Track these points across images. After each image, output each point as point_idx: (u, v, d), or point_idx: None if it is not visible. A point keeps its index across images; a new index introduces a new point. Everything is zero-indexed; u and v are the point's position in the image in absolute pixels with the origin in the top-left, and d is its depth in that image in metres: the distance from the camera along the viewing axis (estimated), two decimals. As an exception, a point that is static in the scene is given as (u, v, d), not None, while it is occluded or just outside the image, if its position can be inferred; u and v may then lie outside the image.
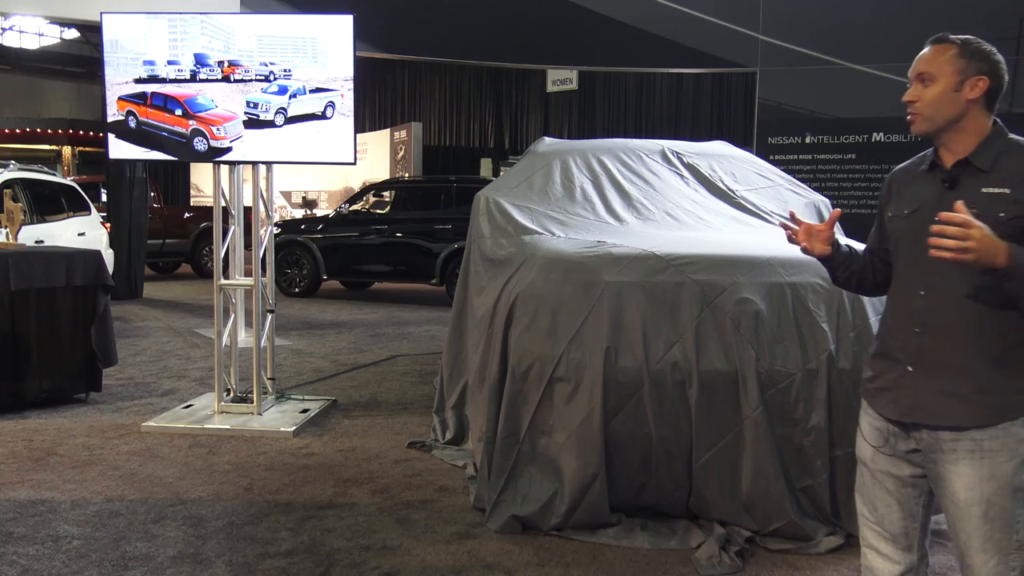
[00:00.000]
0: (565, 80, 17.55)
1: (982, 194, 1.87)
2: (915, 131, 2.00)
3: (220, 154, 4.93)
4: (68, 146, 18.88)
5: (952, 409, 1.88)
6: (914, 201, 2.00)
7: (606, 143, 5.20)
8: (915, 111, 1.98)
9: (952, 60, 1.93)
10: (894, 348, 1.99)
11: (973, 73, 1.92)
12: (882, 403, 2.02)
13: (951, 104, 1.93)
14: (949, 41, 1.96)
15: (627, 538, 3.35)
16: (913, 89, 1.98)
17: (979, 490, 1.86)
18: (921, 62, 1.98)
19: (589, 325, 3.41)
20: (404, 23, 9.91)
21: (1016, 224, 1.83)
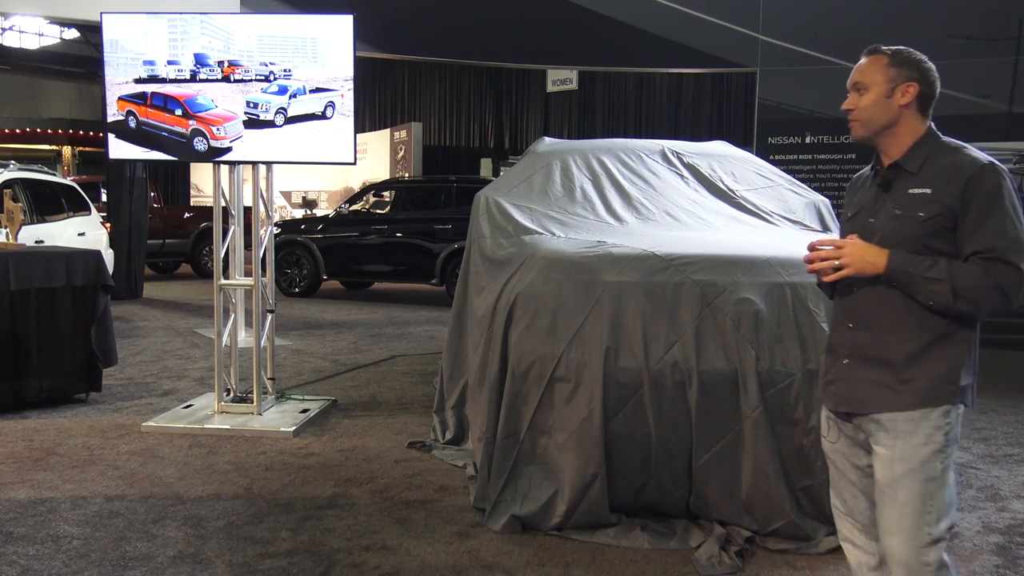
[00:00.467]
0: (565, 80, 17.54)
1: (908, 195, 2.00)
2: (854, 137, 2.13)
3: (220, 154, 4.93)
4: (68, 146, 18.88)
5: (877, 397, 2.01)
6: (856, 204, 2.15)
7: (606, 143, 5.20)
8: (854, 118, 2.10)
9: (883, 69, 2.06)
10: (835, 343, 2.14)
11: (903, 80, 2.05)
12: (827, 395, 2.15)
13: (885, 110, 2.05)
14: (881, 51, 2.09)
15: (627, 538, 3.35)
16: (851, 98, 2.10)
17: (891, 470, 1.98)
18: (856, 72, 2.10)
19: (589, 325, 3.41)
20: (404, 23, 9.91)
21: (935, 223, 1.95)
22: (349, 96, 4.84)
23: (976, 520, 3.68)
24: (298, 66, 4.81)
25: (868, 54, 2.10)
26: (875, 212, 2.06)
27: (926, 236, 1.95)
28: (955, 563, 3.23)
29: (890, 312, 2.00)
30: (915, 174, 2.01)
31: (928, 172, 2.00)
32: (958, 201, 1.94)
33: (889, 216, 2.02)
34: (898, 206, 1.99)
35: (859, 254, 1.95)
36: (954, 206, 1.94)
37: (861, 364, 2.05)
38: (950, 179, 1.96)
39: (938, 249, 1.96)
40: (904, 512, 1.97)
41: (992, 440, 4.99)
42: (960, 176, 1.95)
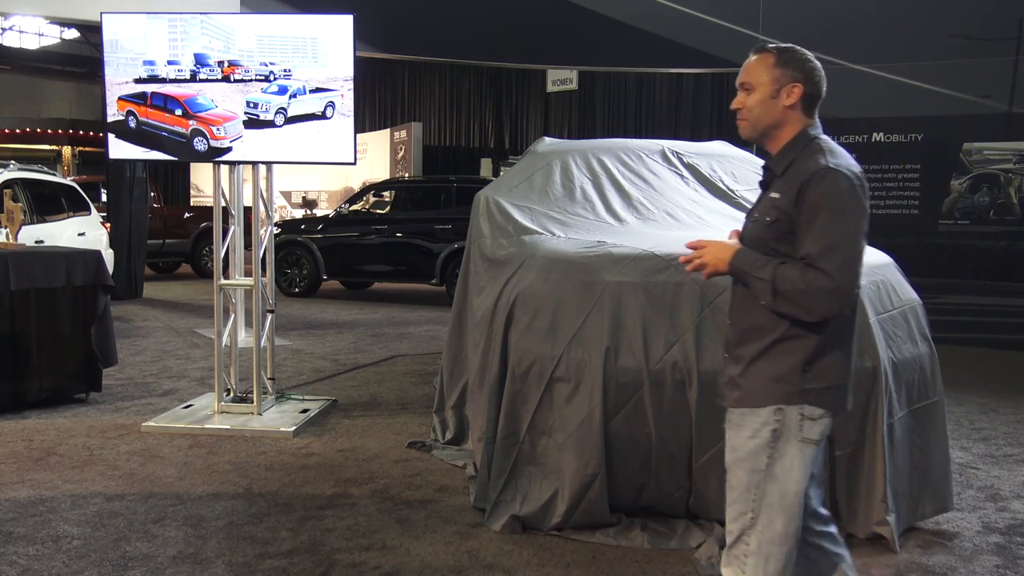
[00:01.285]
0: (565, 80, 17.53)
1: (768, 197, 2.07)
2: (742, 136, 2.13)
3: (220, 154, 4.93)
4: (68, 146, 18.89)
5: (726, 390, 2.16)
6: None
7: (606, 143, 5.20)
8: (741, 117, 2.10)
9: (769, 69, 2.05)
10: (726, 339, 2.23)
11: (788, 81, 2.04)
12: None
13: (770, 110, 2.06)
14: (767, 50, 2.07)
15: (627, 538, 3.35)
16: (739, 96, 2.10)
17: (728, 457, 2.13)
18: (744, 71, 2.09)
19: (589, 325, 3.41)
20: (404, 23, 9.90)
21: (777, 227, 2.01)
22: (349, 96, 4.84)
23: (976, 520, 3.68)
24: (298, 66, 4.81)
25: (755, 52, 2.09)
26: (758, 211, 2.12)
27: (772, 240, 2.02)
28: (955, 563, 3.24)
29: (748, 311, 2.08)
30: (780, 177, 2.06)
31: (787, 176, 2.04)
32: (793, 206, 1.98)
33: (751, 218, 2.14)
34: (757, 208, 2.11)
35: (714, 253, 2.05)
36: (790, 211, 1.99)
37: (729, 360, 2.18)
38: (791, 184, 2.00)
39: (784, 252, 2.01)
40: (733, 496, 2.10)
41: (992, 440, 4.99)
42: (797, 181, 1.99)
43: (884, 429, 3.31)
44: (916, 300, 3.77)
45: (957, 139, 8.48)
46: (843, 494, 3.36)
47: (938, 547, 3.39)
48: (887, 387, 3.35)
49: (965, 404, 5.85)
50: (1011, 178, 8.34)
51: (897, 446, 3.41)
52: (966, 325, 8.36)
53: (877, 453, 3.31)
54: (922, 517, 3.57)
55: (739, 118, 2.11)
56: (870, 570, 3.16)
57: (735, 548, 2.10)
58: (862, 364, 3.34)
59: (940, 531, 3.56)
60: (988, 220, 8.44)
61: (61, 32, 24.07)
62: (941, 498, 3.60)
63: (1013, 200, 8.35)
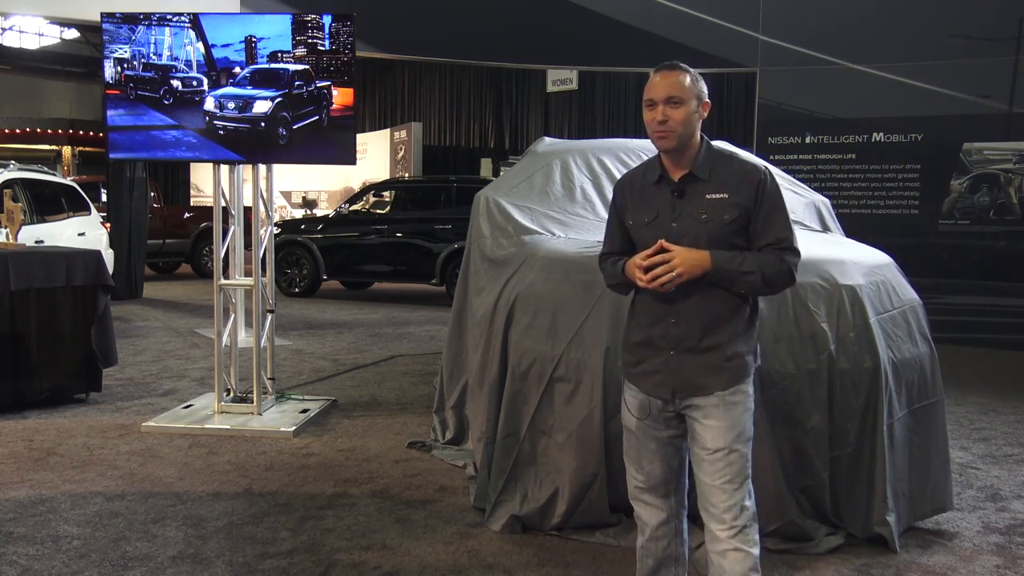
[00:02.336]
0: (565, 80, 17.52)
1: (707, 200, 2.27)
2: (664, 147, 2.30)
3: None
4: (68, 146, 18.88)
5: (709, 379, 2.27)
6: (651, 210, 2.35)
7: (606, 143, 5.19)
8: (668, 129, 2.27)
9: (692, 86, 2.28)
10: (655, 337, 2.33)
11: (703, 98, 2.32)
12: (650, 384, 2.35)
13: (692, 124, 2.29)
14: (683, 69, 2.29)
15: (627, 538, 3.35)
16: (661, 110, 2.27)
17: (724, 438, 2.25)
18: (671, 87, 2.26)
19: (589, 325, 3.41)
20: (404, 23, 9.90)
21: (737, 223, 2.26)
22: (349, 96, 4.84)
23: (976, 520, 3.68)
24: (298, 65, 4.81)
25: (672, 70, 2.28)
26: (676, 217, 2.29)
27: (731, 235, 2.26)
28: (955, 563, 3.24)
29: (713, 306, 2.27)
30: (707, 181, 2.29)
31: (718, 178, 2.28)
32: (752, 202, 2.26)
33: (694, 220, 2.27)
34: (702, 211, 2.26)
35: (688, 259, 2.19)
36: (748, 207, 2.26)
37: (688, 354, 2.29)
38: (741, 183, 2.27)
39: (738, 244, 2.27)
40: (733, 469, 2.25)
41: (992, 440, 4.99)
42: (751, 181, 2.27)
43: (884, 429, 3.32)
44: (916, 300, 3.77)
45: (957, 139, 8.48)
46: (843, 494, 3.36)
47: (938, 547, 3.39)
48: (887, 387, 3.35)
49: (965, 404, 5.85)
50: (1011, 178, 8.34)
51: (897, 446, 3.41)
52: (966, 325, 8.36)
53: (877, 453, 3.31)
54: (922, 517, 3.57)
55: (664, 130, 2.27)
56: (870, 570, 3.16)
57: (738, 520, 2.25)
58: (862, 364, 3.34)
59: (940, 531, 3.56)
60: (988, 220, 8.44)
61: (61, 32, 24.07)
62: (941, 498, 3.59)
63: (1013, 200, 8.35)
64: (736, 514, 2.24)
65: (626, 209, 2.43)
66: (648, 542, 2.49)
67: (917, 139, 8.64)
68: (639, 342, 2.38)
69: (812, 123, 9.06)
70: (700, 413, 2.29)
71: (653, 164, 2.40)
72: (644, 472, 2.43)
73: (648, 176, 2.40)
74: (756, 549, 2.26)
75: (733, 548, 2.24)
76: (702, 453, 2.29)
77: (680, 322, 2.28)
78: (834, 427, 3.32)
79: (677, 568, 2.50)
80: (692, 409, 2.31)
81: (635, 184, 2.44)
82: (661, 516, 2.45)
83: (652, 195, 2.36)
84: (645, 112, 2.31)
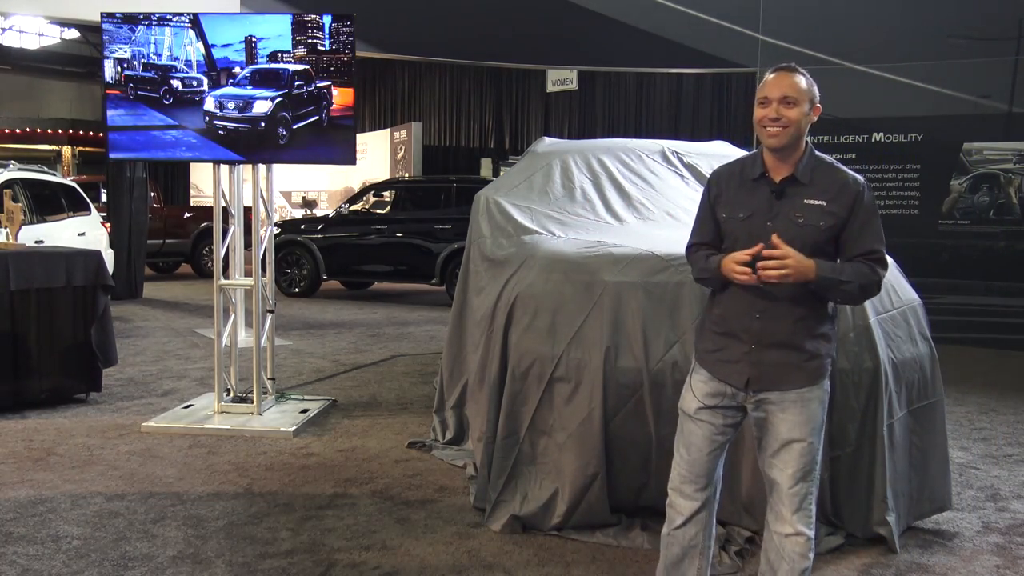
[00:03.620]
0: (565, 80, 17.53)
1: (804, 205, 2.33)
2: (774, 145, 2.33)
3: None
4: (68, 146, 18.88)
5: (788, 375, 2.36)
6: (748, 207, 2.39)
7: (606, 143, 5.20)
8: (781, 126, 2.30)
9: (808, 88, 2.33)
10: (738, 329, 2.40)
11: (816, 101, 2.35)
12: (726, 372, 2.43)
13: (803, 125, 2.33)
14: (800, 71, 2.34)
15: (627, 538, 3.35)
16: (774, 107, 2.30)
17: (800, 430, 2.36)
18: (786, 86, 2.31)
19: (589, 325, 3.41)
20: (404, 23, 9.90)
21: (832, 231, 2.33)
22: (349, 96, 4.84)
23: (976, 520, 3.69)
24: (297, 65, 4.82)
25: (789, 71, 2.33)
26: (772, 217, 2.35)
27: (823, 241, 2.33)
28: (955, 563, 3.24)
29: (799, 307, 2.35)
30: (807, 185, 2.34)
31: (818, 184, 2.34)
32: (848, 211, 2.32)
33: (790, 222, 2.33)
34: (799, 214, 2.33)
35: (800, 263, 2.24)
36: (844, 216, 2.33)
37: (769, 349, 2.37)
38: (840, 193, 2.33)
39: (827, 251, 2.35)
40: (807, 459, 2.36)
41: (992, 440, 4.99)
42: (849, 191, 2.33)
43: (884, 429, 3.32)
44: (916, 300, 3.77)
45: (957, 139, 8.48)
46: (843, 494, 3.36)
47: (938, 547, 3.39)
48: (887, 387, 3.35)
49: (965, 404, 5.85)
50: (1011, 178, 8.34)
51: (897, 446, 3.41)
52: (966, 325, 8.36)
53: (877, 453, 3.31)
54: (922, 517, 3.57)
55: (777, 127, 2.30)
56: (870, 570, 3.16)
57: (805, 506, 2.38)
58: (862, 364, 3.34)
59: (940, 531, 3.56)
60: (988, 220, 8.44)
61: (61, 32, 24.07)
62: (941, 498, 3.60)
63: (1013, 200, 8.35)
64: (804, 501, 2.37)
65: (720, 201, 2.47)
66: (676, 530, 2.53)
67: (917, 139, 8.64)
68: (720, 332, 2.45)
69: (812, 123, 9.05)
70: (776, 407, 2.37)
71: (754, 161, 2.43)
72: (690, 459, 2.49)
73: (747, 172, 2.43)
74: (812, 532, 2.39)
75: (796, 532, 2.36)
76: (775, 444, 2.38)
77: (764, 318, 2.36)
78: (834, 427, 3.32)
79: (701, 560, 2.54)
80: (766, 402, 2.39)
81: (733, 178, 2.47)
82: (695, 506, 2.50)
83: (750, 191, 2.40)
84: (757, 109, 2.34)
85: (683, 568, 2.54)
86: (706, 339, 2.51)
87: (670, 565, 2.56)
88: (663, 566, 2.58)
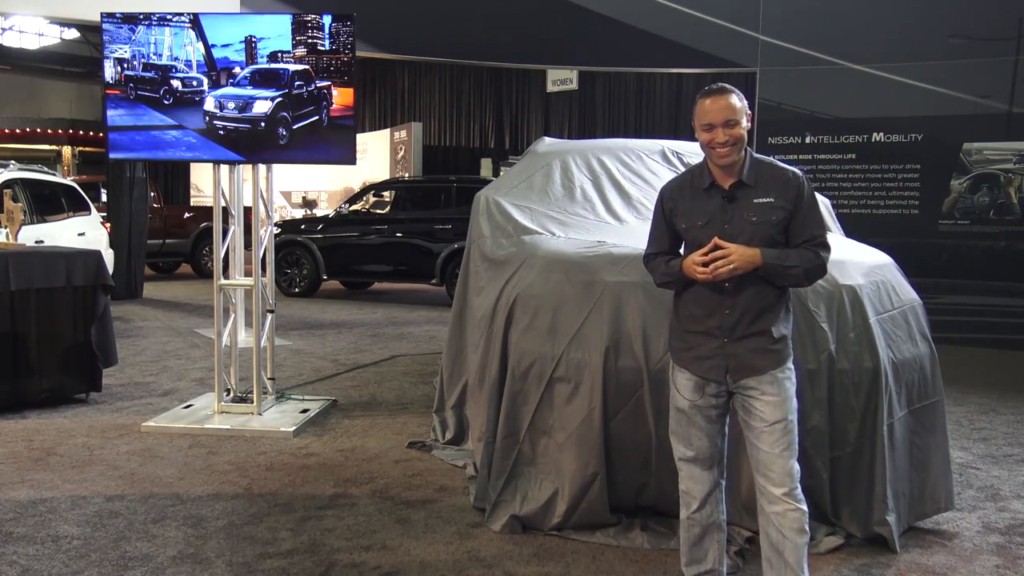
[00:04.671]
0: (565, 80, 17.52)
1: (754, 204, 2.56)
2: (727, 163, 2.54)
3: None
4: (68, 146, 18.88)
5: (763, 361, 2.57)
6: (704, 215, 2.61)
7: (606, 143, 5.19)
8: (732, 147, 2.52)
9: (741, 105, 2.54)
10: (711, 327, 2.60)
11: (747, 112, 2.57)
12: (704, 368, 2.62)
13: (745, 139, 2.56)
14: (731, 91, 2.56)
15: (627, 538, 3.35)
16: (720, 132, 2.51)
17: (780, 411, 2.55)
18: (726, 110, 2.51)
19: (589, 325, 3.41)
20: (404, 23, 9.90)
21: (781, 224, 2.56)
22: (349, 96, 4.84)
23: (976, 520, 3.68)
24: (297, 65, 4.82)
25: (722, 93, 2.54)
26: (727, 220, 2.57)
27: (776, 234, 2.56)
28: (955, 563, 3.24)
29: (761, 296, 2.57)
30: (753, 187, 2.57)
31: (762, 184, 2.57)
32: (793, 203, 2.56)
33: (744, 222, 2.55)
34: (752, 214, 2.55)
35: (743, 254, 2.47)
36: (790, 208, 2.56)
37: (741, 340, 2.57)
38: (784, 188, 2.56)
39: (780, 242, 2.57)
40: (788, 436, 2.55)
41: (992, 440, 4.99)
42: (792, 185, 2.57)
43: (884, 429, 3.32)
44: (916, 300, 3.76)
45: (957, 139, 8.47)
46: (843, 494, 3.36)
47: (938, 547, 3.39)
48: (887, 387, 3.35)
49: (965, 404, 5.85)
50: (1011, 178, 8.34)
51: (897, 446, 3.41)
52: (966, 325, 8.36)
53: (877, 453, 3.31)
54: (922, 517, 3.57)
55: (727, 148, 2.51)
56: (870, 570, 3.16)
57: (793, 482, 2.53)
58: (862, 364, 3.34)
59: (940, 531, 3.56)
60: (988, 220, 8.44)
61: (61, 32, 24.06)
62: (941, 498, 3.59)
63: (1013, 200, 8.34)
64: (791, 477, 2.54)
65: (676, 214, 2.69)
66: (694, 513, 2.72)
67: (917, 139, 8.63)
68: (692, 331, 2.64)
69: (812, 123, 9.05)
70: (756, 391, 2.56)
71: (700, 172, 2.66)
72: (693, 448, 2.68)
73: (696, 183, 2.66)
74: (804, 506, 2.55)
75: (792, 508, 2.53)
76: (760, 426, 2.56)
77: (734, 312, 2.57)
78: (834, 427, 3.32)
79: (719, 534, 2.74)
80: (746, 388, 2.58)
81: (684, 190, 2.69)
82: (707, 488, 2.69)
83: (703, 200, 2.62)
84: (701, 134, 2.56)
85: (705, 544, 2.73)
86: (679, 339, 2.70)
87: (693, 545, 2.74)
88: (686, 547, 2.75)
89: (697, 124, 2.57)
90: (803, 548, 2.53)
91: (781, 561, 2.54)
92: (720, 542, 2.75)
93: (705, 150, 2.58)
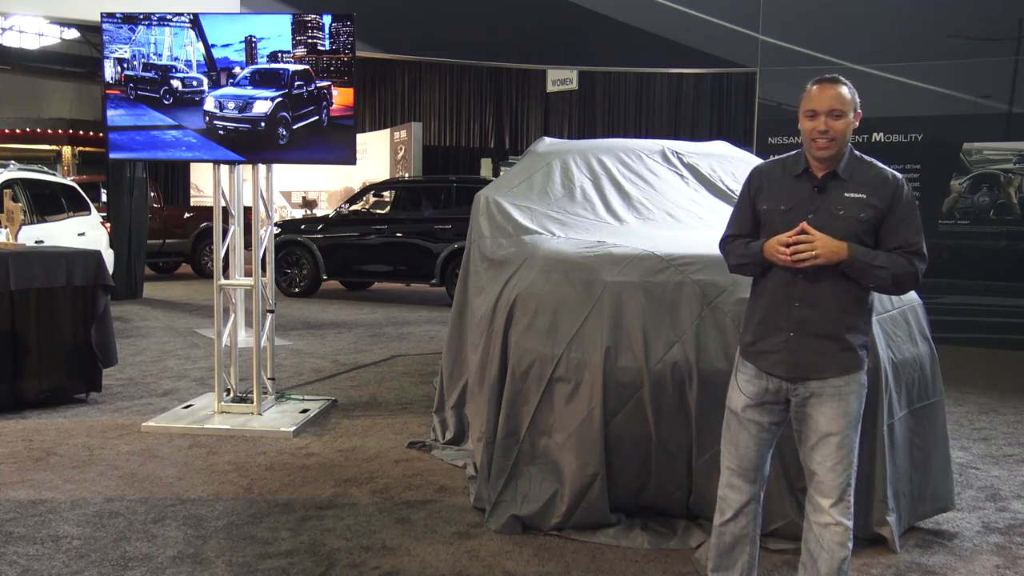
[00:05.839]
0: (565, 80, 17.52)
1: (845, 198, 2.44)
2: (826, 155, 2.44)
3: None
4: (68, 146, 18.85)
5: (825, 363, 2.44)
6: (790, 200, 2.49)
7: (606, 143, 5.20)
8: (830, 139, 2.42)
9: (851, 99, 2.44)
10: (778, 318, 2.48)
11: (857, 109, 2.47)
12: (768, 363, 2.51)
13: (850, 132, 2.46)
14: (843, 82, 2.46)
15: (627, 538, 3.35)
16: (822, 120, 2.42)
17: (837, 423, 2.44)
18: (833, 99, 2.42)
19: (589, 325, 3.41)
20: (404, 23, 9.90)
21: (871, 222, 2.42)
22: (349, 96, 4.84)
23: (976, 520, 3.68)
24: (297, 65, 4.82)
25: (833, 83, 2.44)
26: (813, 210, 2.44)
27: (863, 233, 2.41)
28: (955, 563, 3.24)
29: (838, 296, 2.43)
30: (847, 180, 2.45)
31: (857, 180, 2.46)
32: (887, 204, 2.42)
33: (831, 215, 2.43)
34: (839, 207, 2.43)
35: (828, 244, 2.35)
36: (884, 209, 2.42)
37: (807, 337, 2.45)
38: (880, 187, 2.44)
39: (867, 243, 2.42)
40: (844, 451, 2.45)
41: (992, 440, 4.99)
42: (889, 186, 2.45)
43: (884, 429, 3.31)
44: (916, 300, 3.76)
45: (957, 139, 8.47)
46: (843, 494, 3.35)
47: (938, 547, 3.39)
48: (887, 387, 3.35)
49: (965, 404, 5.85)
50: (1011, 178, 8.34)
51: (897, 446, 3.41)
52: (966, 325, 8.36)
53: (877, 453, 3.31)
54: (922, 517, 3.57)
55: (826, 139, 2.41)
56: (870, 570, 3.16)
57: (844, 497, 2.46)
58: (862, 364, 3.33)
59: (940, 531, 3.56)
60: (988, 220, 8.44)
61: (61, 32, 24.06)
62: (941, 498, 3.60)
63: (1013, 200, 8.34)
64: (843, 492, 2.45)
65: (761, 194, 2.57)
66: (727, 522, 2.64)
67: (917, 139, 8.63)
68: (760, 320, 2.54)
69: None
70: (815, 399, 2.45)
71: (797, 158, 2.54)
72: (739, 455, 2.59)
73: (789, 168, 2.55)
74: (850, 522, 2.48)
75: (836, 522, 2.45)
76: (813, 437, 2.46)
77: (804, 306, 2.44)
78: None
79: (752, 548, 2.66)
80: (806, 394, 2.47)
81: (774, 173, 2.58)
82: (744, 499, 2.61)
83: (792, 186, 2.50)
84: (804, 121, 2.45)
85: (735, 555, 2.65)
86: (748, 332, 2.59)
87: (723, 553, 2.67)
88: (715, 554, 2.68)
89: (801, 111, 2.46)
90: (840, 562, 2.46)
91: (815, 569, 2.49)
92: (752, 556, 2.66)
93: (805, 141, 2.47)
